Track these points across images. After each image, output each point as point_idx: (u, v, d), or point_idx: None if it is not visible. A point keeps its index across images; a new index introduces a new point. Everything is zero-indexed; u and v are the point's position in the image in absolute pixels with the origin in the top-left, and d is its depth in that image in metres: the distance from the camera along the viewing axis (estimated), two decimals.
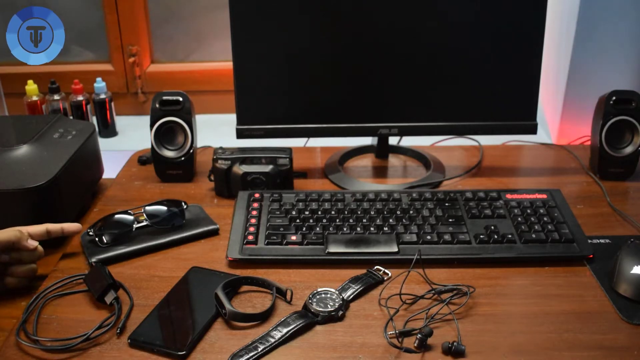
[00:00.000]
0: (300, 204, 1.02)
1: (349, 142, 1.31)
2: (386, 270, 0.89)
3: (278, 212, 1.00)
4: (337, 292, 0.83)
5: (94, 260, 0.91)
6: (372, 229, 0.96)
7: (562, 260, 0.91)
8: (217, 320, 0.80)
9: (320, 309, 0.79)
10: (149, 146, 1.15)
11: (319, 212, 0.99)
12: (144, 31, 1.66)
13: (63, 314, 0.81)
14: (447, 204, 1.01)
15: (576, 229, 0.95)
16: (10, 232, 0.84)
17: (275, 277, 0.87)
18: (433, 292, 0.83)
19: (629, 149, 1.14)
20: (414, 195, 1.04)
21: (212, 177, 1.12)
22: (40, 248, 0.88)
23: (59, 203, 0.97)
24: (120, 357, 0.74)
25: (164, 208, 1.00)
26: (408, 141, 1.30)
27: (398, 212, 0.99)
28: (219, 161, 1.09)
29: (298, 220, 0.98)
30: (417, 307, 0.82)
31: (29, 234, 0.87)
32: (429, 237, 0.93)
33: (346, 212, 0.99)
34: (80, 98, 1.50)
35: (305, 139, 1.36)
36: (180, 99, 1.14)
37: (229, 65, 1.13)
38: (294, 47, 1.12)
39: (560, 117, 1.46)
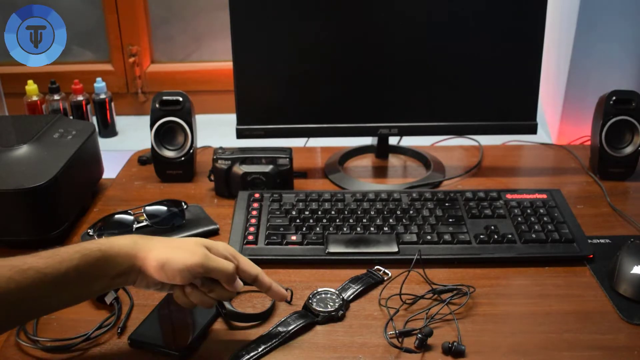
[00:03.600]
0: (300, 204, 1.02)
1: (349, 142, 1.31)
2: (386, 270, 0.89)
3: (278, 212, 1.00)
4: (337, 292, 0.83)
5: None
6: (372, 229, 0.96)
7: (562, 260, 0.91)
8: (217, 320, 0.80)
9: (321, 309, 0.79)
10: (149, 146, 1.15)
11: (319, 212, 0.99)
12: (144, 31, 1.66)
13: (63, 314, 0.80)
14: (447, 204, 1.01)
15: (576, 229, 0.95)
16: (226, 265, 0.70)
17: (275, 277, 0.87)
18: (433, 292, 0.83)
19: (629, 149, 1.14)
20: (414, 195, 1.04)
21: (212, 177, 1.12)
22: (236, 293, 0.75)
23: (59, 203, 0.97)
24: (120, 357, 0.74)
25: (164, 208, 1.00)
26: (408, 141, 1.30)
27: (398, 212, 0.99)
28: (219, 161, 1.09)
29: (298, 220, 0.98)
30: (417, 307, 0.82)
31: (239, 267, 0.73)
32: (429, 237, 0.93)
33: (346, 212, 0.99)
34: (80, 98, 1.50)
35: (305, 139, 1.36)
36: (180, 99, 1.14)
37: (229, 65, 1.13)
38: (294, 47, 1.12)
39: (560, 117, 1.46)
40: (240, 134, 1.16)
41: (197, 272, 0.68)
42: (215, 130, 1.39)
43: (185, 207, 1.02)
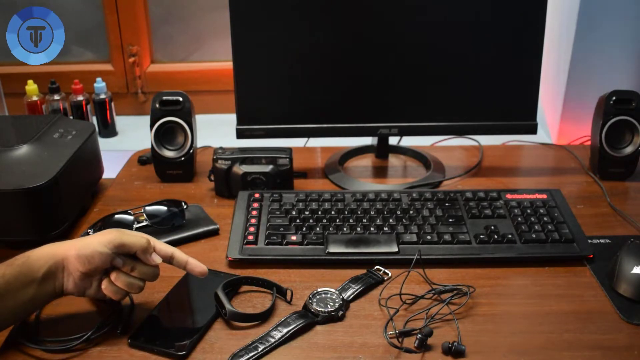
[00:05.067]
0: (300, 204, 1.02)
1: (349, 142, 1.31)
2: (386, 270, 0.89)
3: (278, 212, 1.00)
4: (337, 292, 0.83)
5: None
6: (372, 229, 0.96)
7: (562, 260, 0.91)
8: (217, 320, 0.80)
9: (320, 309, 0.79)
10: (149, 146, 1.15)
11: (319, 212, 0.99)
12: (144, 31, 1.66)
13: (63, 314, 0.81)
14: (447, 204, 1.01)
15: (576, 229, 0.95)
16: (139, 238, 0.75)
17: (275, 277, 0.87)
18: (433, 292, 0.83)
19: (629, 149, 1.14)
20: (414, 195, 1.04)
21: (212, 177, 1.12)
22: (159, 269, 0.78)
23: (59, 203, 0.97)
24: (120, 357, 0.74)
25: (164, 208, 1.00)
26: (408, 141, 1.30)
27: (398, 212, 0.99)
28: (219, 161, 1.09)
29: (298, 220, 0.98)
30: (417, 307, 0.82)
31: (155, 247, 0.77)
32: (429, 237, 0.93)
33: (346, 212, 0.99)
34: (80, 98, 1.50)
35: (305, 139, 1.36)
36: (180, 99, 1.14)
37: (229, 65, 1.13)
38: (294, 47, 1.12)
39: (560, 117, 1.46)
40: (240, 134, 1.16)
41: (112, 245, 0.73)
42: (215, 130, 1.39)
43: (185, 207, 1.02)
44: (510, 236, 0.93)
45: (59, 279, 0.74)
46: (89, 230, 0.95)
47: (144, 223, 0.97)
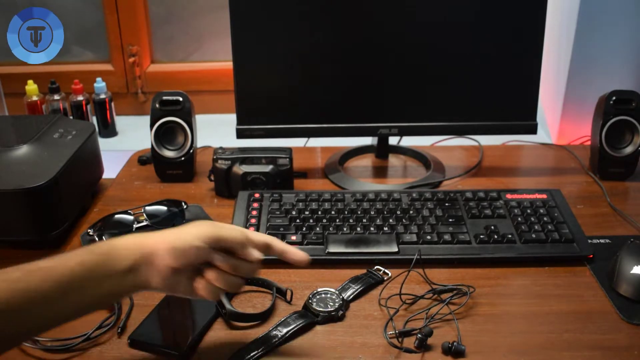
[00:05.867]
0: (300, 204, 1.02)
1: (349, 142, 1.31)
2: (386, 270, 0.89)
3: (278, 212, 1.00)
4: (337, 292, 0.83)
5: None
6: (372, 229, 0.96)
7: (562, 260, 0.91)
8: (217, 320, 0.80)
9: (320, 309, 0.79)
10: (149, 146, 1.15)
11: (319, 212, 0.99)
12: (144, 31, 1.66)
13: None
14: (447, 204, 1.01)
15: (576, 229, 0.95)
16: (237, 231, 0.68)
17: (275, 277, 0.87)
18: (433, 292, 0.83)
19: (629, 149, 1.14)
20: (414, 195, 1.04)
21: (212, 177, 1.12)
22: (260, 264, 0.70)
23: (59, 203, 0.96)
24: (120, 357, 0.74)
25: (164, 208, 1.00)
26: (408, 141, 1.30)
27: (398, 212, 0.99)
28: (219, 161, 1.09)
29: (298, 220, 0.98)
30: (417, 307, 0.82)
31: (251, 240, 0.70)
32: (429, 237, 0.93)
33: (346, 212, 0.99)
34: (80, 98, 1.50)
35: (305, 139, 1.36)
36: (180, 99, 1.14)
37: (229, 65, 1.13)
38: (294, 47, 1.12)
39: (560, 117, 1.46)
40: (240, 134, 1.16)
41: (209, 240, 0.66)
42: (215, 130, 1.39)
43: (185, 207, 1.02)
44: (510, 236, 0.93)
45: (142, 274, 0.65)
46: (89, 231, 0.95)
47: (144, 223, 0.97)
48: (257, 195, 1.04)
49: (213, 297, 0.69)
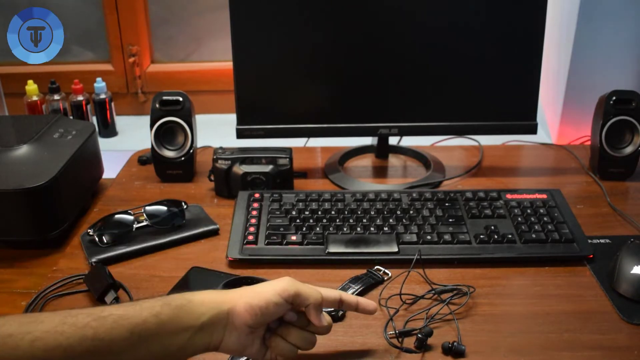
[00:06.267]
0: (300, 204, 1.02)
1: (349, 142, 1.31)
2: (386, 270, 0.89)
3: (278, 212, 1.00)
4: None
5: (94, 260, 0.91)
6: (372, 229, 0.96)
7: (562, 260, 0.91)
8: None
9: None
10: (149, 146, 1.15)
11: (319, 212, 0.99)
12: (144, 31, 1.66)
13: None
14: (447, 204, 1.01)
15: (576, 229, 0.95)
16: (314, 290, 0.68)
17: (275, 277, 0.86)
18: (433, 292, 0.83)
19: (629, 149, 1.14)
20: (414, 195, 1.04)
21: (212, 177, 1.12)
22: (331, 326, 0.70)
23: (59, 203, 0.97)
24: None
25: (164, 208, 1.00)
26: (408, 141, 1.30)
27: (398, 212, 0.99)
28: (219, 161, 1.09)
29: (298, 220, 0.98)
30: (417, 307, 0.82)
31: (326, 297, 0.69)
32: (429, 237, 0.93)
33: (346, 212, 0.99)
34: (80, 98, 1.50)
35: (305, 139, 1.36)
36: (180, 99, 1.14)
37: (229, 65, 1.13)
38: (294, 47, 1.12)
39: (560, 117, 1.46)
40: (240, 134, 1.16)
41: (287, 294, 0.65)
42: (215, 130, 1.39)
43: (185, 207, 1.02)
44: (510, 236, 0.93)
45: (218, 332, 0.63)
46: (88, 231, 0.95)
47: (144, 223, 0.97)
48: (257, 195, 1.04)
49: (290, 356, 0.68)
